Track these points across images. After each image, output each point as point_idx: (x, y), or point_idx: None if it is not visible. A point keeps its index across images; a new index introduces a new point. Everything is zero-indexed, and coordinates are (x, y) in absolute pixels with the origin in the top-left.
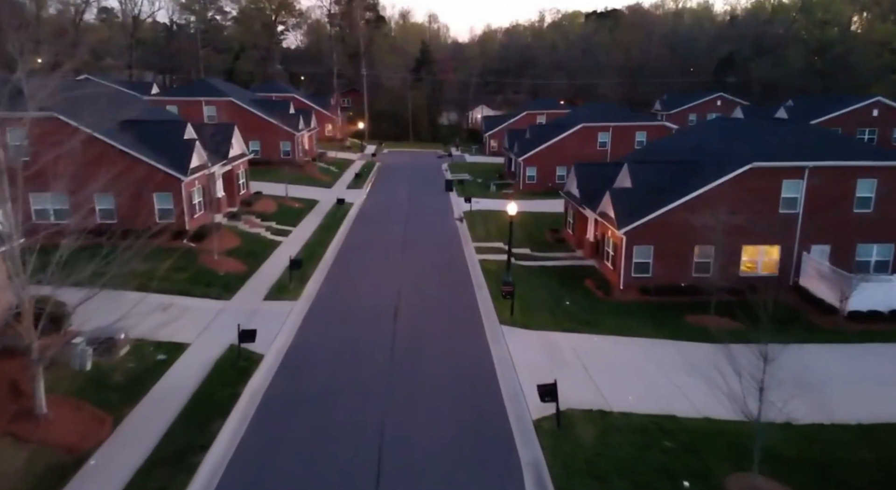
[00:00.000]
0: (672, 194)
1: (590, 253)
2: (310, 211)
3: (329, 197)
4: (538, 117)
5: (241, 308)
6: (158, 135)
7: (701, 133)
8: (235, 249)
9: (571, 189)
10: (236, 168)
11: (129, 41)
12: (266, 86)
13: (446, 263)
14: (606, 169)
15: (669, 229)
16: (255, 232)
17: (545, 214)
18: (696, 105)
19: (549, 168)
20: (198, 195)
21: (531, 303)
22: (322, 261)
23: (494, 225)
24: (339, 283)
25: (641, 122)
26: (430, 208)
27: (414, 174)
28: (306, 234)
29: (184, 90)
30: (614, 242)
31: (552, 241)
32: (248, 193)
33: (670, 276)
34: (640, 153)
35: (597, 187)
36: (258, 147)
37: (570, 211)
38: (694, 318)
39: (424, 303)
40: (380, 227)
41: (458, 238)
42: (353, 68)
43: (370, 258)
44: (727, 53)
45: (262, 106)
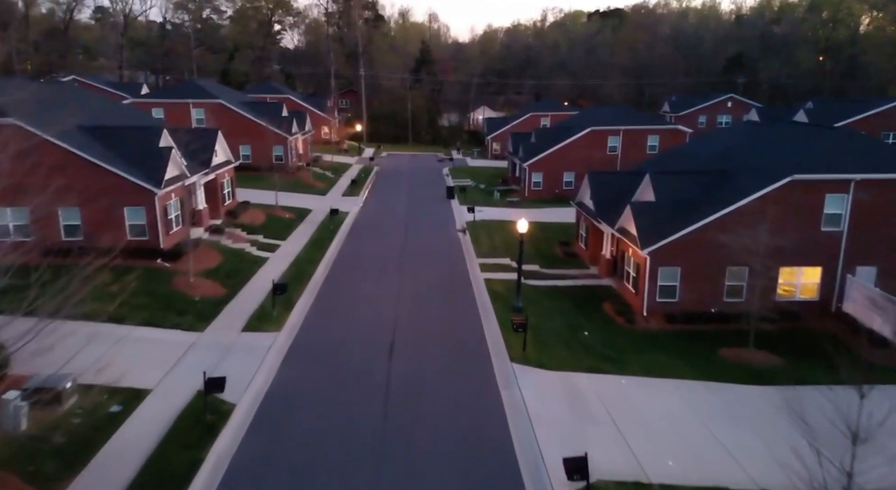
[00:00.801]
0: (701, 210)
1: (606, 271)
2: (301, 221)
3: (323, 205)
4: (542, 119)
5: (214, 342)
6: (130, 142)
7: (726, 139)
8: (215, 269)
9: (584, 200)
10: (221, 176)
11: (120, 41)
12: (261, 87)
13: (448, 284)
14: (623, 178)
15: (698, 249)
16: (239, 248)
17: (554, 225)
18: (705, 107)
19: (556, 174)
20: (174, 209)
21: (545, 333)
22: (311, 281)
23: (500, 237)
24: (329, 309)
25: (653, 126)
26: (430, 218)
27: (413, 179)
28: (296, 249)
29: (171, 92)
30: (636, 263)
31: (563, 255)
32: (234, 203)
33: (699, 301)
34: (659, 161)
35: (613, 199)
36: (249, 152)
37: (583, 223)
38: (730, 352)
39: (424, 334)
40: (376, 241)
41: (461, 253)
42: (351, 69)
43: (364, 278)
44: (736, 53)
45: (254, 108)
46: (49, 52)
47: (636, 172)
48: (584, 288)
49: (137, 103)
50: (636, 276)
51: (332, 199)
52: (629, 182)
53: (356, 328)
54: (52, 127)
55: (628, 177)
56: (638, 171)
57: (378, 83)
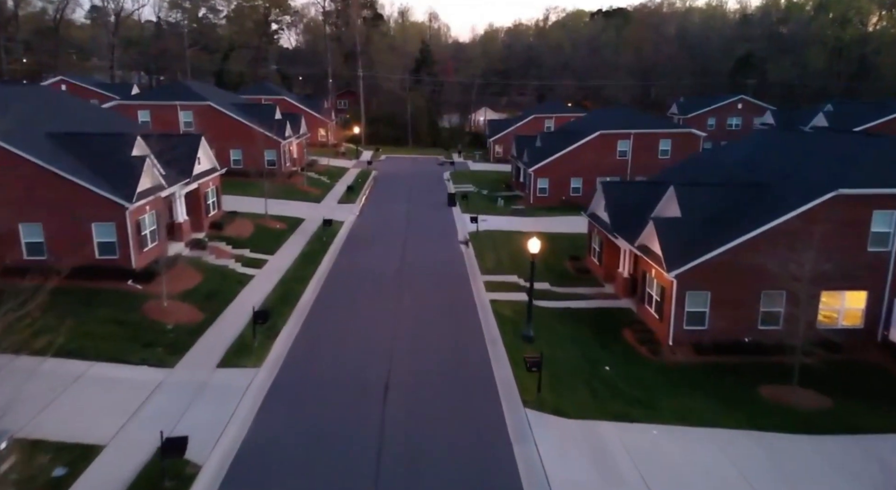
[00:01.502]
0: (733, 227)
1: (624, 291)
2: (293, 232)
3: (317, 214)
4: (546, 121)
5: (185, 381)
6: (101, 151)
7: (753, 147)
8: (193, 290)
9: (598, 211)
10: (204, 186)
11: (112, 40)
12: (256, 88)
13: (451, 308)
14: (642, 189)
15: (731, 271)
16: (223, 264)
17: (563, 237)
18: (715, 109)
19: (562, 180)
20: (149, 223)
21: (561, 368)
22: (299, 304)
23: (505, 250)
24: (317, 339)
25: (665, 130)
26: (430, 228)
27: (413, 185)
28: (285, 265)
29: (157, 94)
30: (660, 286)
31: (574, 271)
32: (220, 214)
33: (731, 328)
34: (679, 171)
35: (631, 211)
36: (240, 156)
37: (596, 237)
38: (770, 391)
39: (424, 372)
40: (372, 255)
41: (464, 269)
42: (349, 69)
43: (358, 300)
44: (745, 54)
45: (246, 111)
46: (40, 52)
47: (655, 182)
48: (601, 311)
49: (122, 106)
50: (660, 301)
51: (326, 208)
52: (648, 193)
53: (347, 364)
54: (8, 134)
55: (647, 187)
56: (657, 181)
57: (377, 84)
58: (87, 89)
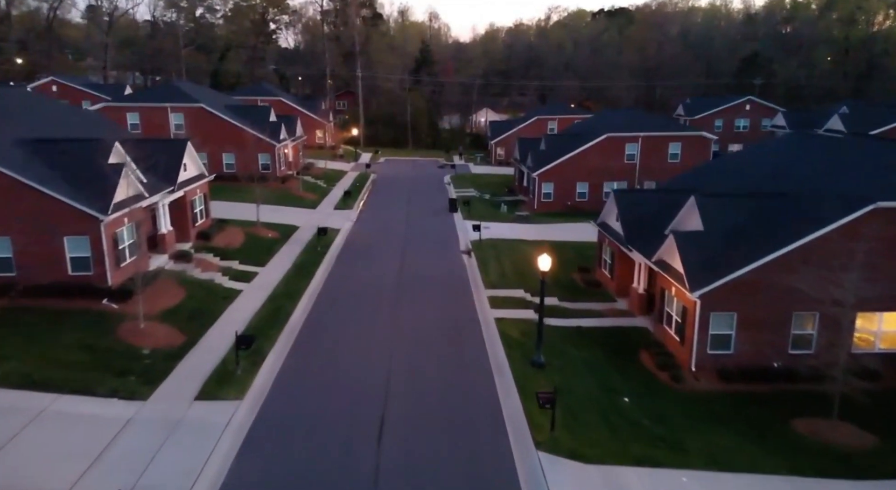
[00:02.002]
0: (761, 242)
1: (638, 307)
2: (286, 241)
3: (312, 221)
4: (549, 123)
5: (158, 416)
6: (75, 158)
7: (776, 154)
8: (175, 309)
9: (609, 221)
10: (191, 194)
11: (105, 40)
12: (252, 89)
13: (453, 328)
14: (657, 198)
15: (759, 291)
16: (208, 279)
17: (570, 246)
18: (722, 110)
19: (568, 184)
20: (127, 236)
21: (576, 399)
22: (288, 324)
23: (510, 261)
24: (307, 365)
25: (675, 132)
26: (431, 236)
27: (413, 189)
28: (275, 278)
29: (147, 95)
30: (682, 306)
31: (584, 284)
32: (208, 223)
33: (759, 353)
34: (694, 178)
35: (646, 222)
36: (233, 160)
37: (608, 248)
38: (806, 426)
39: (423, 404)
40: (369, 266)
41: (466, 282)
42: (348, 69)
43: (352, 319)
44: (751, 53)
45: (240, 113)
46: (33, 53)
47: (671, 190)
48: (615, 330)
49: (111, 108)
50: (681, 322)
51: (322, 214)
52: (665, 203)
53: (338, 396)
54: None
55: (663, 196)
56: (673, 189)
57: (376, 84)
58: (78, 90)
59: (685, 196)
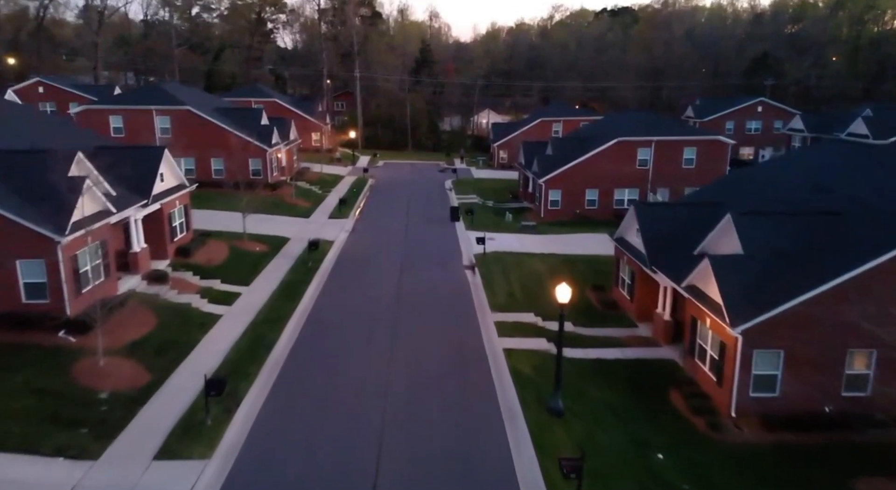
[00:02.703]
0: (811, 270)
1: (664, 336)
2: (274, 256)
3: (304, 231)
4: (553, 125)
5: (108, 482)
6: (30, 171)
7: (812, 164)
8: (143, 340)
9: (628, 237)
10: (169, 206)
11: (95, 39)
12: (245, 90)
13: (456, 362)
14: (683, 213)
15: (809, 326)
16: (185, 302)
17: (581, 260)
18: (733, 112)
19: (577, 191)
20: (90, 258)
21: (602, 458)
22: (270, 358)
23: (517, 278)
24: (287, 413)
25: (690, 136)
26: (431, 250)
27: (412, 195)
28: (260, 300)
29: (131, 97)
30: (720, 341)
31: (600, 306)
32: (189, 237)
33: (808, 396)
34: (720, 189)
35: (671, 240)
36: (221, 166)
37: (626, 266)
38: (870, 488)
39: (423, 467)
40: (364, 286)
41: (471, 304)
42: (346, 70)
43: (343, 351)
44: (760, 54)
45: (229, 116)
46: (24, 53)
47: (698, 204)
48: (639, 364)
49: (92, 111)
50: (718, 360)
51: (315, 224)
52: (692, 218)
53: (322, 453)
54: None
55: (690, 211)
56: (699, 202)
57: (375, 85)
58: (65, 91)
59: (715, 211)
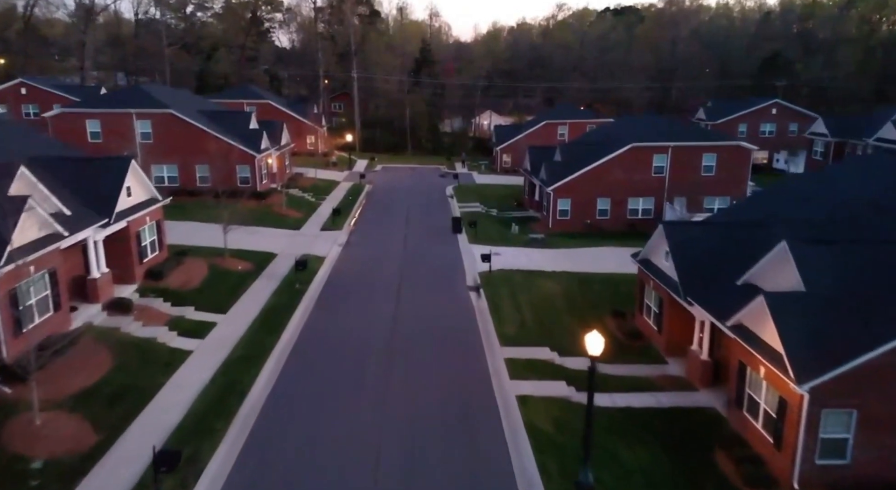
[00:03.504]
0: (891, 311)
1: (701, 378)
2: (258, 275)
3: (294, 246)
4: (559, 128)
5: None
6: None
7: (874, 179)
8: (94, 388)
9: (655, 259)
10: (137, 224)
11: (82, 37)
12: (237, 91)
13: (461, 414)
14: (721, 234)
15: (889, 380)
16: (150, 336)
17: (597, 279)
18: (746, 114)
19: (587, 200)
20: (33, 291)
21: None
22: (242, 410)
23: (528, 302)
24: (258, 486)
25: (709, 142)
26: (432, 268)
27: (412, 203)
28: (237, 332)
29: (110, 99)
30: (779, 397)
31: (622, 336)
32: (162, 257)
33: (885, 464)
34: (757, 204)
35: (709, 266)
36: (207, 173)
37: (653, 292)
38: None
39: None
40: (355, 313)
41: (477, 334)
42: (343, 70)
43: (328, 398)
44: (771, 54)
45: (216, 119)
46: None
47: (739, 224)
48: (676, 414)
49: (67, 115)
50: (777, 419)
51: (306, 237)
52: (731, 240)
53: None
54: None
55: (729, 232)
56: (739, 222)
57: (373, 86)
58: (48, 93)
59: (757, 232)
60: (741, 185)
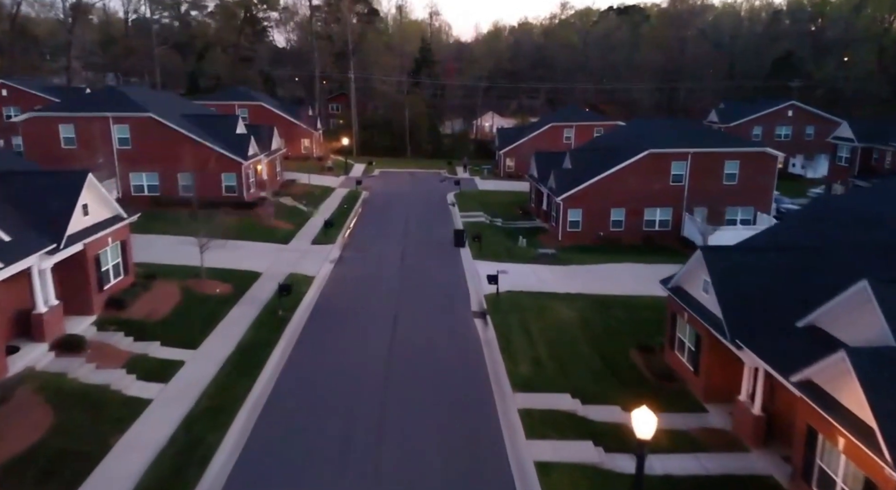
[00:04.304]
0: None
1: (753, 435)
2: (238, 300)
3: (280, 263)
4: (565, 130)
5: None
6: None
7: None
8: (27, 453)
9: (692, 290)
10: (96, 246)
11: (68, 37)
12: (229, 93)
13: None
14: (772, 263)
15: None
16: (103, 383)
17: (618, 302)
18: (761, 116)
19: (600, 211)
20: None
21: None
22: (201, 486)
23: (541, 332)
24: None
25: (732, 149)
26: (433, 288)
27: (411, 212)
28: (206, 374)
29: (85, 103)
30: (867, 480)
31: (651, 374)
32: (127, 282)
33: None
34: (806, 224)
35: (759, 302)
36: (190, 181)
37: (687, 326)
38: None
39: None
40: (345, 349)
41: (484, 376)
42: (341, 70)
43: (305, 472)
44: (784, 53)
45: (201, 124)
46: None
47: (791, 250)
48: (726, 484)
49: (39, 119)
50: None
51: (294, 252)
52: (783, 268)
53: None
54: None
55: (778, 258)
56: (790, 247)
57: (371, 87)
58: (31, 94)
59: (813, 259)
60: (766, 194)
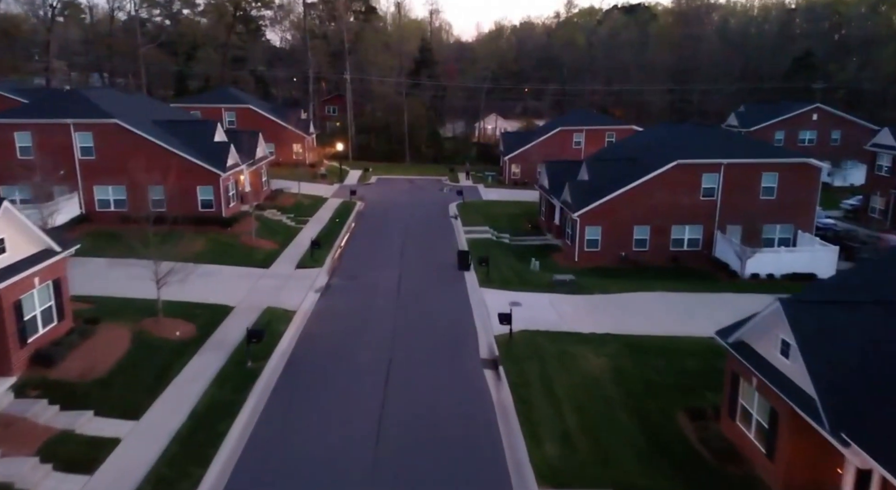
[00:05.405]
0: None
1: None
2: (200, 345)
3: (257, 293)
4: (574, 135)
5: None
6: None
7: None
8: None
9: (764, 350)
10: (16, 290)
11: (47, 35)
12: (215, 95)
13: None
14: (873, 320)
15: None
16: (4, 481)
17: (654, 348)
18: (784, 120)
19: (622, 228)
20: None
21: None
22: None
23: (567, 391)
24: None
25: (769, 159)
26: (435, 327)
27: (409, 228)
28: (147, 459)
29: (46, 107)
30: None
31: (706, 451)
32: (63, 329)
33: None
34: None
35: (862, 374)
36: (162, 195)
37: (757, 394)
38: None
39: None
40: (323, 416)
41: (501, 458)
42: (337, 71)
43: None
44: (803, 53)
45: (175, 131)
46: None
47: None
48: None
49: None
50: None
51: (274, 279)
52: (883, 327)
53: None
54: None
55: (876, 314)
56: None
57: (369, 88)
58: (6, 98)
59: None
60: (808, 211)
